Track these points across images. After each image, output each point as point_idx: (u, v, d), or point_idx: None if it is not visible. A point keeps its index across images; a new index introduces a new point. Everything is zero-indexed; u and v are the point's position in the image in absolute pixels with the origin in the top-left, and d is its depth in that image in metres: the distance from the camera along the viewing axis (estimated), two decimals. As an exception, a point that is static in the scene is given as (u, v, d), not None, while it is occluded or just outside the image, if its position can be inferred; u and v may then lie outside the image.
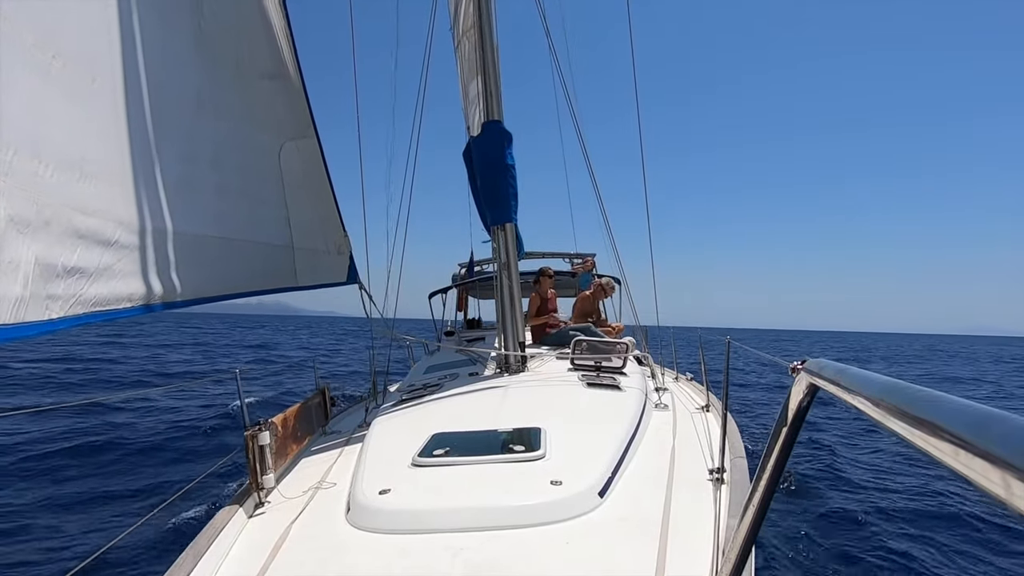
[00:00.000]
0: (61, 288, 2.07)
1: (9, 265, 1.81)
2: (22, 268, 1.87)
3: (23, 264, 1.87)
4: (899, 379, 0.53)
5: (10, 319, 1.81)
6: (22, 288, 1.86)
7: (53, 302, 2.03)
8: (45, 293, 1.98)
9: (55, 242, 2.04)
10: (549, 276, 5.16)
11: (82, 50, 2.24)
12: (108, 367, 13.37)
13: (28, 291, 1.89)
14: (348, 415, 3.77)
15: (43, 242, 1.97)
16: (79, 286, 2.16)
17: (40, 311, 1.95)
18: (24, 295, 1.87)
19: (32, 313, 1.91)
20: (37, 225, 1.94)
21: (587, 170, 4.75)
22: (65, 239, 2.09)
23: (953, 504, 5.16)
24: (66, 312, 2.09)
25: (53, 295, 2.03)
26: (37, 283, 1.93)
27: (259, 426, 2.21)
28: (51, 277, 2.02)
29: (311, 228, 3.76)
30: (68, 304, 2.11)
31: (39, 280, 1.95)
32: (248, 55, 3.23)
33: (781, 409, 0.83)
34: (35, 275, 1.93)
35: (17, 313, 1.84)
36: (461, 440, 2.30)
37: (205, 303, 3.04)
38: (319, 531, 1.84)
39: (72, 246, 2.12)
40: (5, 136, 1.83)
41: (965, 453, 0.36)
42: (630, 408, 2.75)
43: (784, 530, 4.42)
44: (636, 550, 1.59)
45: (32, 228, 1.92)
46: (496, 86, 4.01)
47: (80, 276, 2.17)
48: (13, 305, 1.82)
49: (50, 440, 6.29)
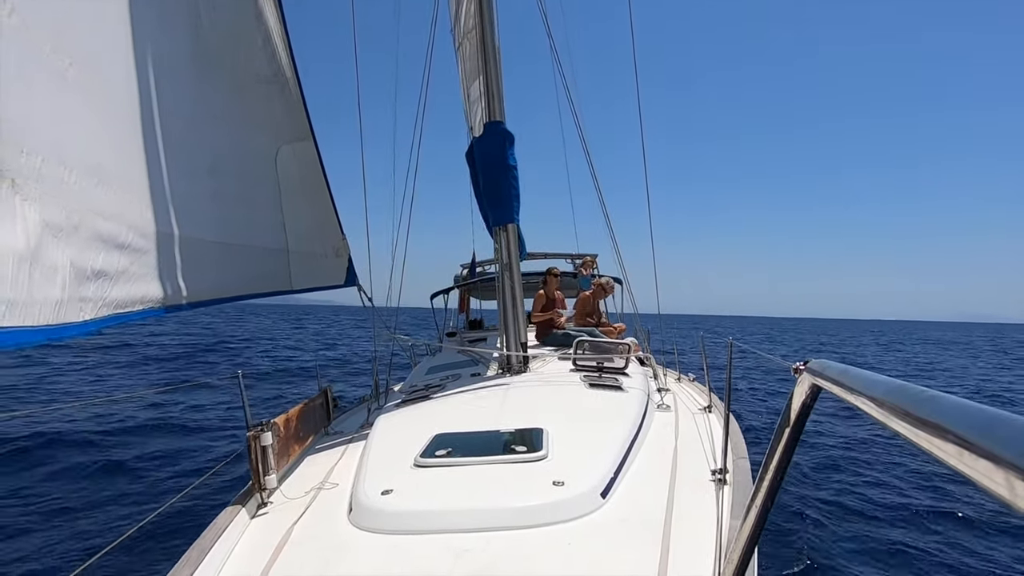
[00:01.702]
0: (91, 291, 2.16)
1: (49, 268, 1.89)
2: (60, 271, 1.95)
3: (60, 267, 1.95)
4: (903, 380, 0.52)
5: (53, 320, 1.91)
6: (61, 291, 1.95)
7: (85, 304, 2.12)
8: (78, 295, 2.07)
9: (83, 246, 2.11)
10: (555, 276, 5.16)
11: (90, 56, 2.27)
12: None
13: (66, 294, 1.98)
14: (350, 415, 3.78)
15: (74, 246, 2.05)
16: (105, 289, 2.25)
17: (76, 313, 2.05)
18: (63, 297, 1.96)
19: (70, 315, 2.00)
20: (68, 230, 2.01)
21: (587, 163, 4.77)
22: (91, 243, 2.16)
23: (957, 504, 5.15)
24: (96, 314, 2.18)
25: (85, 297, 2.11)
26: (72, 286, 2.02)
27: (261, 427, 2.21)
28: (82, 280, 2.10)
29: (308, 231, 3.77)
30: (97, 306, 2.20)
31: (74, 283, 2.03)
32: (245, 60, 3.24)
33: (784, 410, 0.83)
34: (70, 278, 2.01)
35: (58, 315, 1.93)
36: (463, 441, 2.30)
37: (205, 307, 3.06)
38: (321, 532, 1.84)
39: (96, 250, 2.20)
40: (34, 143, 1.87)
41: (969, 454, 0.36)
42: (632, 409, 2.75)
43: (788, 530, 4.41)
44: (638, 551, 1.59)
45: (64, 233, 1.99)
46: (498, 87, 4.02)
47: (105, 279, 2.25)
48: (55, 307, 1.92)
49: (45, 439, 6.31)
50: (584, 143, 4.81)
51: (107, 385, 10.68)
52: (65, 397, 9.14)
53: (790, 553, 4.03)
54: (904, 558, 4.07)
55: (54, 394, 9.39)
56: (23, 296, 1.74)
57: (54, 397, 9.14)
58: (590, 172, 4.80)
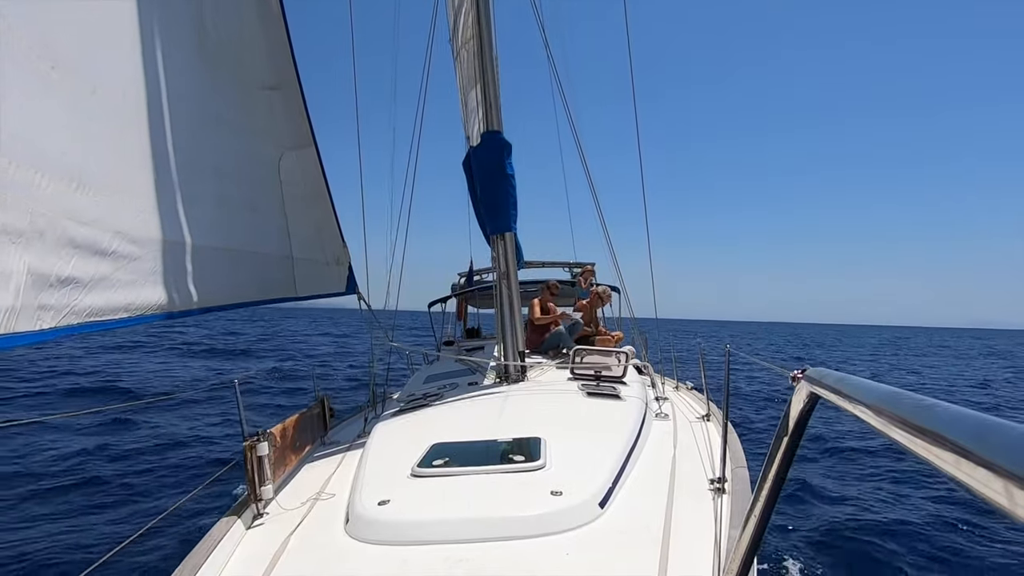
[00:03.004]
0: (54, 298, 2.07)
1: (0, 276, 1.83)
2: (13, 278, 1.88)
3: (15, 274, 1.88)
4: (900, 388, 0.53)
5: (0, 329, 1.82)
6: (13, 298, 1.87)
7: (45, 312, 2.03)
8: (37, 303, 1.99)
9: (49, 252, 2.04)
10: (552, 292, 5.11)
11: (82, 61, 2.26)
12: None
13: (19, 301, 1.90)
14: (347, 425, 3.75)
15: (36, 252, 1.98)
16: (73, 296, 2.17)
17: (31, 322, 1.96)
18: (15, 305, 1.88)
19: (23, 323, 1.92)
20: (31, 235, 1.95)
21: (583, 170, 4.79)
22: (59, 249, 2.10)
23: (955, 512, 5.13)
24: (58, 323, 2.09)
25: (45, 305, 2.03)
26: (28, 293, 1.94)
27: (257, 436, 2.20)
28: (43, 287, 2.02)
29: (310, 239, 3.78)
30: (61, 314, 2.11)
31: (30, 290, 1.95)
32: (248, 66, 3.26)
33: (782, 418, 0.83)
34: (27, 285, 1.93)
35: (8, 323, 1.85)
36: (461, 450, 2.29)
37: (204, 314, 3.04)
38: (318, 542, 1.82)
39: (67, 256, 2.13)
40: (4, 146, 1.84)
41: (967, 462, 0.36)
42: (630, 418, 2.74)
43: (787, 539, 4.39)
44: (637, 561, 1.58)
45: (25, 238, 1.93)
46: (495, 96, 4.04)
47: (75, 286, 2.17)
48: (4, 315, 1.83)
49: (45, 450, 6.25)
50: (580, 149, 4.84)
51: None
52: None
53: (790, 562, 4.00)
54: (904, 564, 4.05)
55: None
56: None
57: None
58: (587, 179, 4.83)
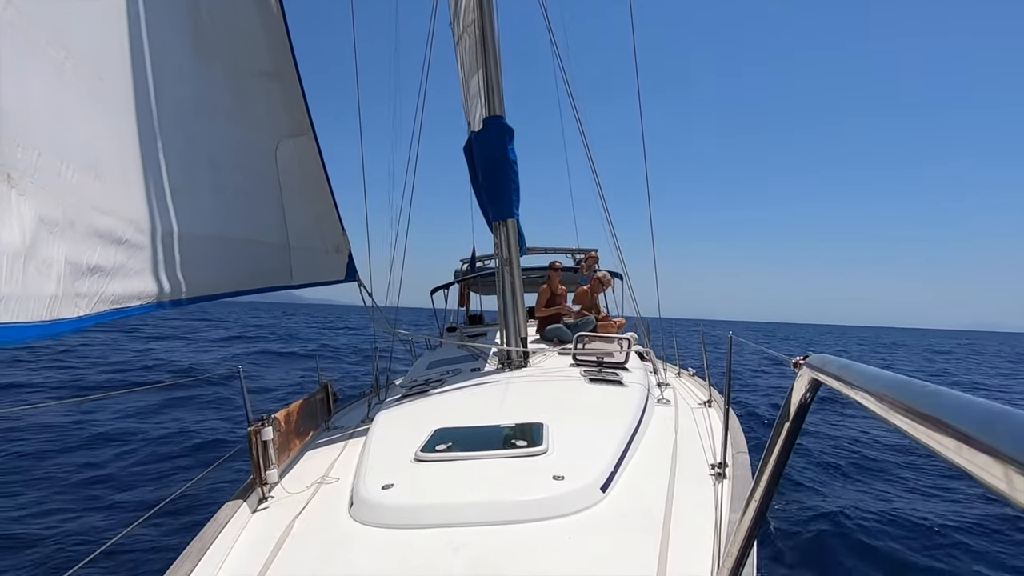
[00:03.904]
0: (86, 286, 2.14)
1: (44, 264, 1.88)
2: (55, 267, 1.94)
3: (55, 263, 1.94)
4: (902, 374, 0.52)
5: (47, 316, 1.89)
6: (56, 286, 1.93)
7: (80, 300, 2.10)
8: (74, 291, 2.06)
9: (80, 241, 2.10)
10: (556, 270, 5.14)
11: (89, 50, 2.25)
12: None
13: (61, 289, 1.96)
14: (351, 410, 3.78)
15: (70, 241, 2.03)
16: (101, 284, 2.23)
17: (71, 308, 2.03)
18: (58, 293, 1.94)
19: (65, 310, 1.99)
20: (63, 225, 2.00)
21: (588, 159, 4.75)
22: (87, 238, 2.15)
23: (958, 501, 5.17)
24: (91, 310, 2.16)
25: (80, 293, 2.10)
26: (67, 281, 2.00)
27: (262, 421, 2.22)
28: (78, 275, 2.08)
29: (308, 227, 3.77)
30: (93, 302, 2.18)
31: (69, 278, 2.01)
32: (245, 54, 3.23)
33: (783, 404, 0.83)
34: (66, 274, 1.99)
35: (53, 311, 1.92)
36: (463, 435, 2.31)
37: (205, 302, 3.06)
38: (322, 526, 1.85)
39: (93, 245, 2.18)
40: (30, 137, 1.86)
41: (969, 449, 0.36)
42: (632, 403, 2.76)
43: (786, 524, 4.43)
44: (638, 545, 1.60)
45: (60, 228, 1.98)
46: (497, 81, 4.00)
47: (101, 275, 2.23)
48: (49, 303, 1.90)
49: (53, 435, 6.33)
50: (583, 135, 4.80)
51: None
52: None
53: (789, 546, 4.05)
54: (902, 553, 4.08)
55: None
56: (18, 292, 1.74)
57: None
58: (590, 167, 4.79)
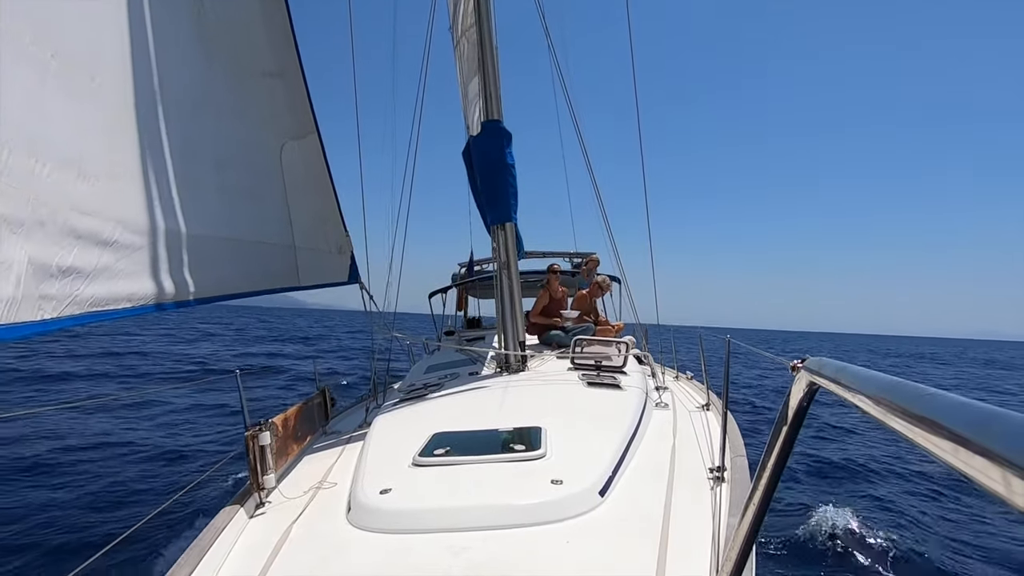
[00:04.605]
0: (55, 288, 2.06)
1: (1, 265, 1.81)
2: (14, 268, 1.86)
3: (15, 264, 1.87)
4: (899, 377, 0.53)
5: (1, 319, 1.81)
6: (14, 288, 1.86)
7: (47, 302, 2.02)
8: (38, 293, 1.97)
9: (50, 242, 2.03)
10: (555, 273, 5.09)
11: (81, 49, 2.23)
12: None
13: (20, 291, 1.88)
14: (348, 415, 3.77)
15: (37, 242, 1.96)
16: (75, 286, 2.15)
17: (32, 311, 1.95)
18: (16, 295, 1.87)
19: (24, 313, 1.90)
20: (31, 225, 1.94)
21: (587, 170, 4.76)
22: (61, 239, 2.08)
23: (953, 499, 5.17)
24: (60, 312, 2.08)
25: (47, 295, 2.02)
26: (30, 283, 1.93)
27: (259, 426, 2.21)
28: (45, 277, 2.01)
29: (313, 227, 3.76)
30: (63, 304, 2.10)
31: (32, 280, 1.94)
32: (249, 53, 3.21)
33: (781, 408, 0.83)
34: (28, 275, 1.92)
35: (9, 313, 1.84)
36: (461, 440, 2.30)
37: (207, 303, 3.03)
38: (320, 531, 1.84)
39: (68, 246, 2.11)
40: (2, 134, 1.82)
41: (965, 451, 0.36)
42: (630, 407, 2.75)
43: (785, 528, 4.43)
44: (636, 549, 1.59)
45: (26, 228, 1.91)
46: (495, 86, 4.01)
47: (76, 276, 2.16)
48: (5, 305, 1.82)
49: (47, 440, 6.29)
50: (581, 140, 4.80)
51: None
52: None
53: (788, 551, 4.04)
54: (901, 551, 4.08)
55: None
56: None
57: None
58: (589, 174, 4.79)
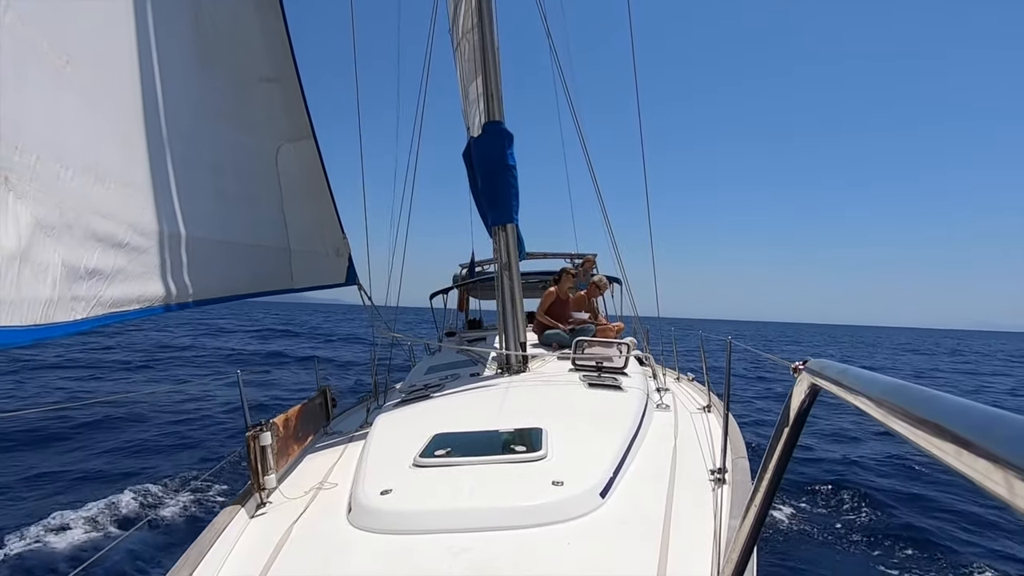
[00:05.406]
0: (83, 289, 2.13)
1: (39, 267, 1.87)
2: (51, 270, 1.93)
3: (51, 266, 1.93)
4: (902, 379, 0.52)
5: (41, 320, 1.87)
6: (51, 290, 1.92)
7: (77, 303, 2.09)
8: (70, 295, 2.04)
9: (77, 244, 2.09)
10: (572, 275, 4.96)
11: (90, 55, 2.26)
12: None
13: (56, 293, 1.95)
14: (349, 415, 3.77)
15: (67, 245, 2.02)
16: (98, 288, 2.22)
17: (67, 312, 2.02)
18: (53, 297, 1.93)
19: (60, 314, 1.97)
20: (61, 228, 1.99)
21: (587, 167, 4.76)
22: (85, 242, 2.14)
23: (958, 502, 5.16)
24: (88, 313, 2.15)
25: (77, 296, 2.08)
26: (63, 285, 1.99)
27: (260, 427, 2.21)
28: (75, 279, 2.07)
29: (308, 230, 3.78)
30: (90, 305, 2.17)
31: (65, 282, 2.00)
32: (246, 58, 3.24)
33: (783, 409, 0.83)
34: (62, 277, 1.98)
35: (47, 314, 1.90)
36: (462, 440, 2.30)
37: (207, 305, 3.06)
38: (320, 531, 1.84)
39: (91, 248, 2.17)
40: (29, 140, 1.86)
41: (968, 454, 0.36)
42: (631, 408, 2.75)
43: (787, 530, 4.42)
44: (637, 551, 1.59)
45: (57, 231, 1.97)
46: (496, 87, 4.01)
47: (99, 278, 2.22)
48: (44, 306, 1.89)
49: (47, 439, 6.30)
50: (582, 139, 4.81)
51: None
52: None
53: (789, 552, 4.03)
54: (903, 555, 4.07)
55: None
56: (12, 295, 1.73)
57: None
58: (590, 172, 4.80)
